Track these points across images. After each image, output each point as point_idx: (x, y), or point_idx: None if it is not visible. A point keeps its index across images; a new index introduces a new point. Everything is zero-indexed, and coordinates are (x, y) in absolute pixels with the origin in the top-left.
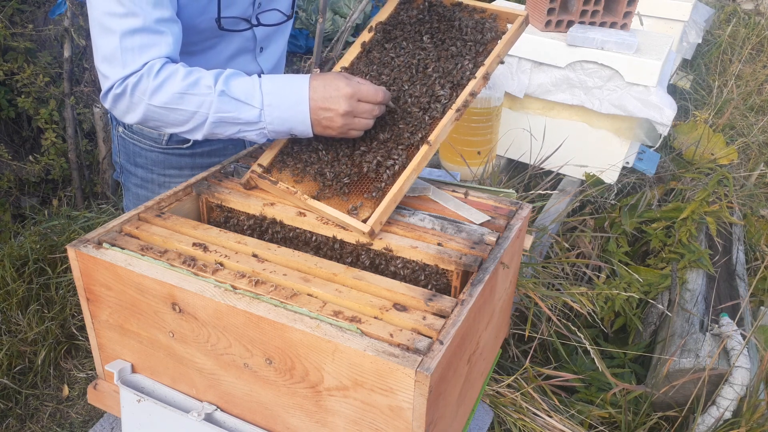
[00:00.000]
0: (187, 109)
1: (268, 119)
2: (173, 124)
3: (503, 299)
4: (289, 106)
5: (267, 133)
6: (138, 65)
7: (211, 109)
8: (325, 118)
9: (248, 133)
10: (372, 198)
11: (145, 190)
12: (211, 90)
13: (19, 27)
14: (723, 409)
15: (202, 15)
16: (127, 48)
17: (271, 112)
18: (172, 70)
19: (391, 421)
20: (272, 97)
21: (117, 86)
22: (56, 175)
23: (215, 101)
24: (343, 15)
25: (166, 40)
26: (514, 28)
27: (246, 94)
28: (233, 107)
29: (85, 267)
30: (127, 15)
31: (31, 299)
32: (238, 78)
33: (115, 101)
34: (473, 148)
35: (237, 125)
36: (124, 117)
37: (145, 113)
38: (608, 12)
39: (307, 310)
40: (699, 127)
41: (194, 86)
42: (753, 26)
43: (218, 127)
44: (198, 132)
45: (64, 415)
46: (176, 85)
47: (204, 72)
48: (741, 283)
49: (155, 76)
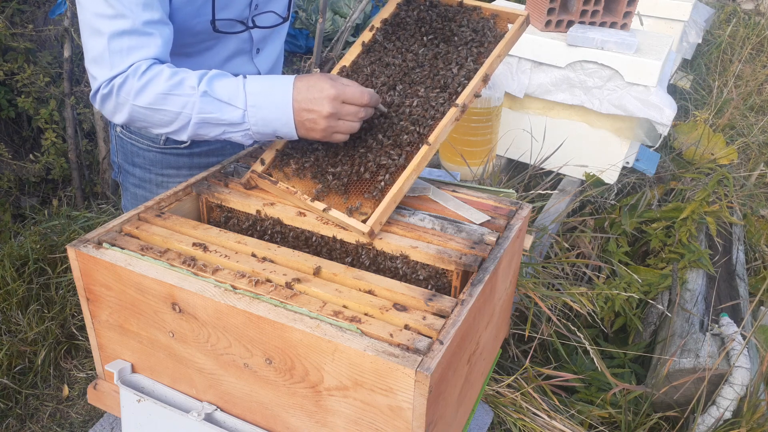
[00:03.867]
0: (171, 109)
1: (252, 120)
2: (158, 125)
3: (503, 299)
4: (272, 108)
5: (252, 135)
6: (125, 66)
7: (195, 110)
8: (308, 119)
9: (233, 134)
10: (372, 198)
11: (143, 190)
12: (194, 90)
13: (19, 27)
14: (723, 409)
15: (198, 17)
16: (114, 49)
17: (254, 113)
18: (157, 71)
19: (391, 421)
20: (256, 98)
21: (104, 87)
22: (56, 175)
23: (198, 102)
24: (343, 15)
25: (155, 42)
26: (515, 28)
27: (229, 94)
28: (216, 108)
29: (85, 267)
30: (115, 17)
31: (31, 299)
32: (223, 79)
33: (103, 101)
34: (473, 148)
35: (221, 126)
36: (112, 117)
37: (131, 113)
38: (608, 12)
39: (307, 310)
40: (699, 127)
41: (178, 87)
42: (753, 26)
43: (202, 128)
44: (183, 133)
45: (64, 415)
46: (160, 86)
47: (189, 73)
48: (741, 283)
49: (140, 77)
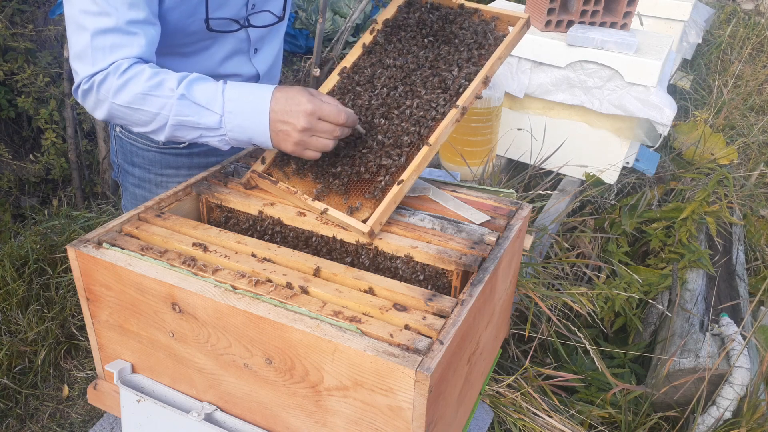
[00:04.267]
0: (149, 110)
1: (228, 126)
2: (137, 124)
3: (503, 299)
4: (249, 115)
5: (228, 140)
6: (106, 64)
7: (172, 112)
8: (282, 131)
9: (210, 138)
10: (372, 198)
11: (142, 190)
12: (173, 93)
13: (19, 27)
14: (723, 409)
15: (193, 16)
16: (97, 47)
17: (231, 119)
18: (138, 71)
19: (391, 421)
20: (234, 104)
21: (84, 83)
22: (56, 175)
23: (175, 104)
24: (343, 15)
25: (138, 42)
26: (515, 31)
27: (207, 99)
28: (193, 111)
29: (85, 267)
30: (100, 14)
31: (31, 299)
32: (203, 83)
33: (84, 97)
34: (473, 148)
35: (198, 130)
36: (93, 113)
37: (110, 111)
38: (608, 12)
39: (307, 310)
40: (699, 127)
41: (157, 88)
42: (753, 26)
43: (178, 131)
44: (161, 133)
45: (64, 415)
46: (139, 86)
47: (170, 74)
48: (741, 283)
49: (120, 75)
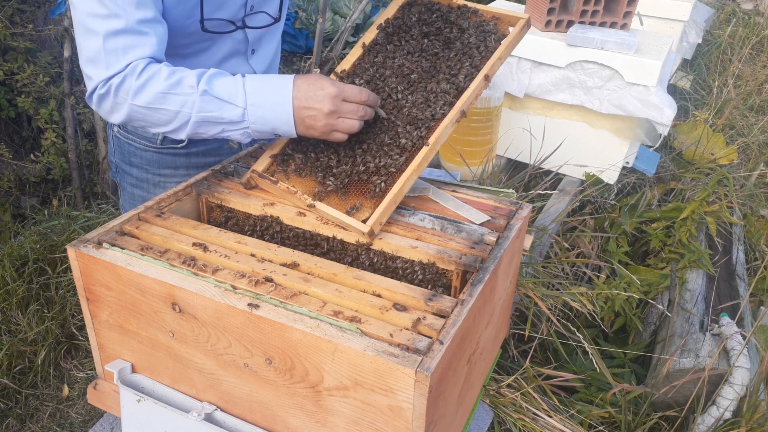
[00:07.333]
0: (170, 108)
1: (252, 118)
2: (157, 124)
3: (503, 299)
4: (272, 105)
5: (251, 133)
6: (121, 66)
7: (194, 109)
8: (308, 116)
9: (232, 132)
10: (372, 198)
11: (140, 190)
12: (193, 89)
13: (19, 27)
14: (723, 409)
15: (190, 17)
16: (110, 49)
17: (254, 111)
18: (156, 70)
19: (391, 421)
20: (255, 97)
21: (101, 87)
22: (56, 175)
23: (198, 101)
24: (343, 15)
25: (150, 41)
26: (516, 31)
27: (229, 93)
28: (216, 107)
29: (85, 267)
30: (109, 16)
31: (31, 299)
32: (222, 77)
33: (100, 102)
34: (473, 148)
35: (220, 125)
36: (109, 117)
37: (129, 113)
38: (608, 12)
39: (307, 310)
40: (699, 127)
41: (177, 86)
42: (753, 26)
43: (201, 127)
44: (182, 131)
45: (64, 415)
46: (159, 85)
47: (187, 72)
48: (741, 283)
49: (138, 76)
